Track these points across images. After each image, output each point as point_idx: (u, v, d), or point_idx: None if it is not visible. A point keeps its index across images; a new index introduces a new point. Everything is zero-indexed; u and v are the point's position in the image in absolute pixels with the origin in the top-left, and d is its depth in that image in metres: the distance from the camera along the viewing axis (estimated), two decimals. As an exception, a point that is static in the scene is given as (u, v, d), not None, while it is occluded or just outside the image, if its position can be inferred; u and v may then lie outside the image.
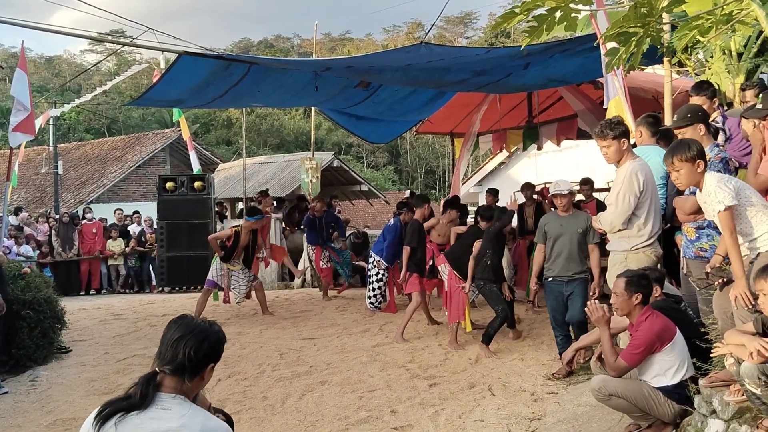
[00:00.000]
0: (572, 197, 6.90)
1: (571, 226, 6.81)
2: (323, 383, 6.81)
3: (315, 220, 12.04)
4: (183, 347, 2.54)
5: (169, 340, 2.57)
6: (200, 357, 2.56)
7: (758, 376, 3.18)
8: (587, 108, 11.06)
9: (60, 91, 45.20)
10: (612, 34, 4.18)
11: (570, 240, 6.77)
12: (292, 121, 47.78)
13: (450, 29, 63.18)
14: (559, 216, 6.93)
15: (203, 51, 8.79)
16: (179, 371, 2.53)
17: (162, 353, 2.57)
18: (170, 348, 2.56)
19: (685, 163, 4.12)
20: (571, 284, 6.74)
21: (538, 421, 5.48)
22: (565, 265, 6.75)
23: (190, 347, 2.54)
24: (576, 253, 6.74)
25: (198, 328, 2.61)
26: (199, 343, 2.57)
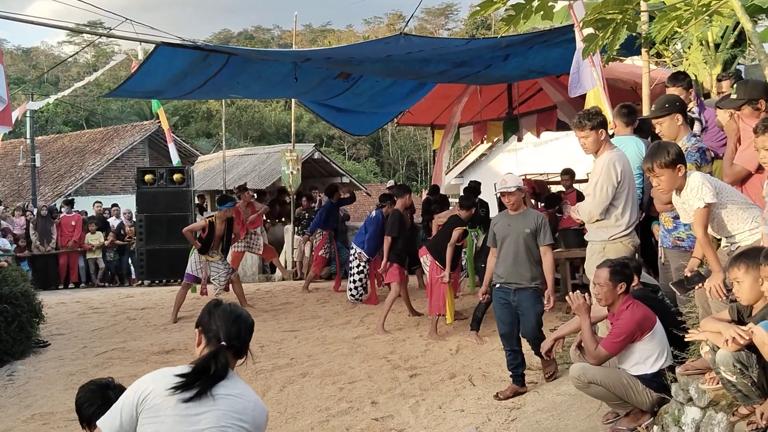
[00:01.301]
0: (521, 194, 6.15)
1: (518, 226, 6.10)
2: (304, 375, 6.80)
3: (333, 207, 12.05)
4: (242, 328, 2.76)
5: (229, 322, 2.75)
6: (250, 334, 2.80)
7: (733, 364, 3.21)
8: (567, 99, 11.08)
9: (37, 83, 44.63)
10: (590, 20, 4.20)
11: (516, 242, 6.05)
12: (272, 112, 47.50)
13: (431, 21, 63.06)
14: (508, 215, 6.24)
15: (181, 42, 8.72)
16: (238, 348, 2.73)
17: (227, 333, 2.72)
18: (233, 326, 2.74)
19: (666, 168, 4.13)
20: (519, 294, 6.00)
21: (517, 410, 5.52)
22: (512, 270, 6.03)
23: (246, 328, 2.78)
24: (523, 257, 6.01)
25: (240, 311, 2.83)
26: (249, 324, 2.81)
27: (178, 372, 2.59)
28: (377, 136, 44.56)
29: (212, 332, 2.73)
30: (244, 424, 2.61)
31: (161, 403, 2.53)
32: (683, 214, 4.31)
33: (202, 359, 2.63)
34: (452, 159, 24.97)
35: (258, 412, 2.69)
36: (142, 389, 2.57)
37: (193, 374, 2.58)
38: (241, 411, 2.61)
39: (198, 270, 10.04)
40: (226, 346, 2.67)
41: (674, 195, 4.29)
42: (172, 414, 2.52)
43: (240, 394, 2.65)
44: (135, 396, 2.57)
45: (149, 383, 2.59)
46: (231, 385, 2.65)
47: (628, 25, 4.21)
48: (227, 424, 2.56)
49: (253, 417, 2.65)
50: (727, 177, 4.74)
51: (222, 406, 2.58)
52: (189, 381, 2.55)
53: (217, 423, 2.55)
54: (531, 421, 5.20)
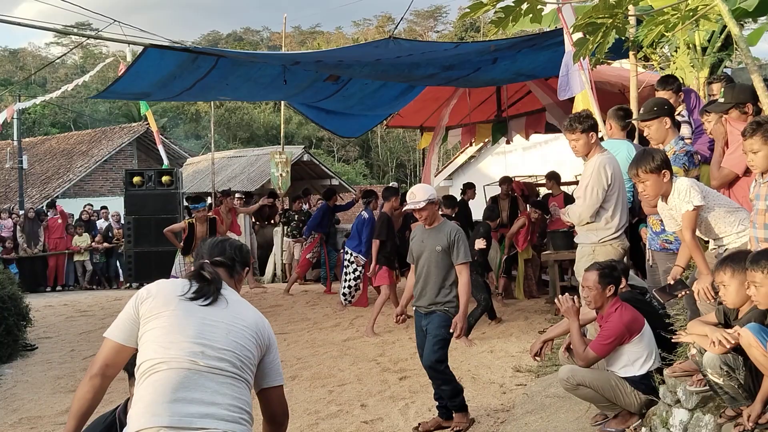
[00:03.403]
0: (434, 207, 5.45)
1: (430, 243, 5.42)
2: (293, 378, 6.79)
3: (329, 210, 12.03)
4: (228, 247, 2.83)
5: (212, 244, 2.84)
6: (243, 256, 2.85)
7: (720, 366, 3.23)
8: (555, 102, 11.13)
9: (25, 84, 44.38)
10: (581, 24, 4.22)
11: (428, 260, 5.41)
12: (262, 114, 47.41)
13: (420, 23, 63.17)
14: (423, 229, 5.54)
15: (170, 44, 8.70)
16: (228, 264, 2.76)
17: (209, 252, 2.79)
18: (216, 247, 2.82)
19: (651, 174, 4.16)
20: (428, 318, 5.39)
21: (506, 412, 5.53)
22: (422, 291, 5.42)
23: (234, 247, 2.84)
24: (432, 277, 5.36)
25: (228, 237, 2.95)
26: (239, 246, 2.88)
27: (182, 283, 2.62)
28: (366, 138, 44.53)
29: (199, 258, 2.80)
30: (255, 334, 2.60)
31: (167, 301, 2.54)
32: (669, 222, 4.33)
33: (188, 275, 2.66)
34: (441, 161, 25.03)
35: (264, 327, 2.68)
36: (143, 293, 2.60)
37: (197, 280, 2.60)
38: (251, 320, 2.62)
39: (182, 272, 9.98)
40: (209, 262, 2.70)
41: (660, 202, 4.32)
42: (181, 308, 2.52)
43: (245, 307, 2.66)
44: (135, 300, 2.60)
45: (151, 287, 2.62)
46: (234, 298, 2.67)
47: (618, 29, 4.23)
48: (240, 327, 2.56)
49: (260, 329, 2.64)
50: (715, 180, 4.77)
51: (233, 313, 2.59)
52: (199, 288, 2.58)
53: (234, 324, 2.55)
54: (520, 423, 5.21)
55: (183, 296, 2.53)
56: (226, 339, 2.48)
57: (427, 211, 5.37)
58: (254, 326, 2.60)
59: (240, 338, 2.52)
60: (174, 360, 2.39)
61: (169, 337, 2.44)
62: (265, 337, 2.65)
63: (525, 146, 17.33)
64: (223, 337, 2.48)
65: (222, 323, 2.52)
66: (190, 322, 2.47)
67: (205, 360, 2.41)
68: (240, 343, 2.51)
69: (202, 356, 2.41)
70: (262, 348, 2.62)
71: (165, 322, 2.47)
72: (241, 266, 2.81)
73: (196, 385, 2.37)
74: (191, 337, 2.43)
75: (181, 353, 2.40)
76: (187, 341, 2.42)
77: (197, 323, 2.48)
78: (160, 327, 2.47)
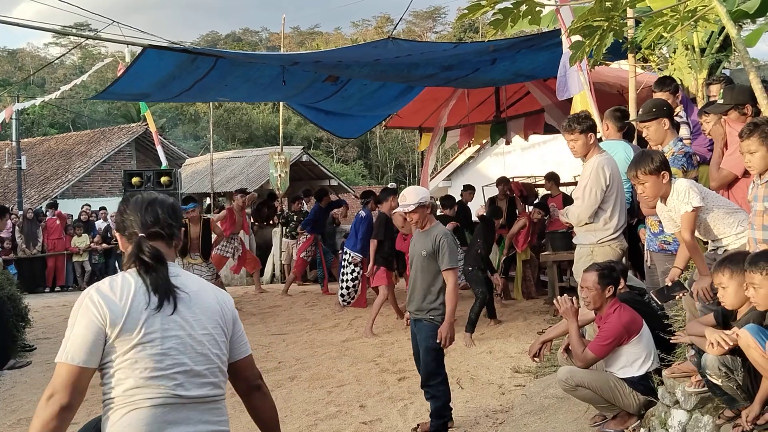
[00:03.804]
0: (424, 210, 5.26)
1: (419, 247, 5.28)
2: (292, 379, 6.79)
3: (322, 210, 12.00)
4: (160, 211, 2.49)
5: (141, 210, 2.48)
6: (178, 215, 2.56)
7: (719, 367, 3.24)
8: (554, 103, 11.14)
9: (23, 84, 44.37)
10: (577, 27, 4.22)
11: (416, 264, 5.29)
12: (260, 115, 47.41)
13: (419, 24, 63.19)
14: (418, 233, 5.42)
15: (169, 44, 8.70)
16: (165, 234, 2.48)
17: (142, 224, 2.46)
18: (147, 214, 2.48)
19: (650, 175, 4.18)
20: (417, 325, 5.30)
21: (505, 413, 5.53)
22: (411, 296, 5.34)
23: (166, 209, 2.52)
24: (419, 282, 5.23)
25: (155, 195, 2.57)
26: (171, 205, 2.56)
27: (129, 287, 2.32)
28: (365, 139, 44.57)
29: (129, 229, 2.47)
30: (220, 321, 2.45)
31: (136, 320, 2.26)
32: (668, 223, 4.34)
33: (126, 261, 2.39)
34: (440, 162, 25.03)
35: (224, 303, 2.53)
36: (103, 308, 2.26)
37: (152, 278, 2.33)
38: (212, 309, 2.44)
39: None
40: (145, 236, 2.42)
41: (659, 204, 4.33)
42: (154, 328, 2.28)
43: (200, 289, 2.45)
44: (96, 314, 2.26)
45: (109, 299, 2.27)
46: (187, 280, 2.44)
47: (615, 31, 4.23)
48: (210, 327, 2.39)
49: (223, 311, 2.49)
50: (714, 181, 4.78)
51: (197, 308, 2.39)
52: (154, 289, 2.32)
53: (204, 326, 2.38)
54: (519, 424, 5.21)
55: (149, 309, 2.29)
56: (203, 357, 2.36)
57: (417, 215, 5.23)
58: (219, 313, 2.46)
59: (213, 345, 2.40)
60: (156, 396, 2.25)
61: (148, 366, 2.25)
62: (230, 317, 2.53)
63: (524, 147, 17.34)
64: (200, 356, 2.35)
65: (195, 335, 2.35)
66: (166, 345, 2.28)
67: (187, 391, 2.30)
68: (215, 352, 2.40)
69: (183, 388, 2.29)
70: (229, 330, 2.50)
71: (141, 352, 2.25)
72: (178, 229, 2.54)
73: (181, 419, 2.29)
74: (172, 367, 2.28)
75: (161, 389, 2.26)
76: (167, 372, 2.27)
77: (174, 346, 2.29)
78: (137, 357, 2.25)
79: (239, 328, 2.57)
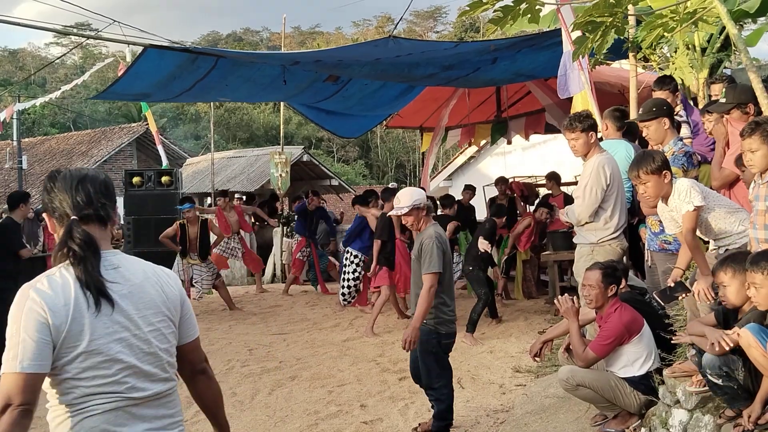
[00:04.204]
0: (419, 213, 5.14)
1: (413, 250, 5.24)
2: (293, 378, 6.79)
3: (307, 212, 11.95)
4: (92, 191, 2.28)
5: (73, 190, 2.26)
6: (110, 192, 2.34)
7: (719, 367, 3.23)
8: (555, 102, 11.14)
9: (24, 84, 44.41)
10: (581, 23, 4.23)
11: (412, 268, 5.25)
12: (261, 115, 47.44)
13: (420, 23, 63.21)
14: (416, 235, 5.34)
15: (170, 44, 8.70)
16: (99, 215, 2.27)
17: (74, 205, 2.24)
18: (78, 194, 2.25)
19: (652, 175, 4.17)
20: None
21: (506, 413, 5.53)
22: (411, 300, 5.30)
23: (98, 187, 2.30)
24: (413, 285, 5.16)
25: (84, 172, 2.35)
26: (103, 182, 2.33)
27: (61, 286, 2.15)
28: (366, 139, 44.60)
29: (59, 210, 2.26)
30: (166, 311, 2.30)
31: (80, 324, 2.12)
32: (669, 224, 4.33)
33: (57, 249, 2.20)
34: (441, 161, 25.03)
35: (168, 287, 2.35)
36: (46, 313, 2.09)
37: (82, 272, 2.15)
38: (157, 301, 2.29)
39: (180, 272, 10.03)
40: (78, 219, 2.22)
41: (660, 204, 4.32)
42: (102, 326, 2.15)
43: (143, 280, 2.28)
44: (37, 319, 2.09)
45: (52, 303, 2.11)
46: (127, 270, 2.27)
47: (617, 28, 4.23)
48: (156, 321, 2.26)
49: (168, 297, 2.33)
50: (716, 181, 4.78)
51: (141, 303, 2.24)
52: (86, 285, 2.14)
53: (150, 322, 2.24)
54: (519, 423, 5.21)
55: (90, 310, 2.14)
56: (151, 356, 2.25)
57: (411, 217, 5.15)
58: (164, 302, 2.31)
59: (161, 340, 2.29)
60: (108, 401, 2.17)
61: (98, 374, 2.15)
62: (177, 301, 2.37)
63: (524, 146, 17.34)
64: (148, 355, 2.25)
65: (141, 335, 2.23)
66: (114, 350, 2.16)
67: (139, 392, 2.23)
68: (163, 347, 2.29)
69: (135, 390, 2.22)
70: (177, 316, 2.36)
71: (87, 360, 2.13)
72: (112, 207, 2.34)
73: (136, 419, 2.23)
74: (121, 371, 2.19)
75: (113, 395, 2.18)
76: (117, 378, 2.18)
77: (121, 349, 2.18)
78: (84, 366, 2.14)
79: (187, 310, 2.42)
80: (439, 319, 4.99)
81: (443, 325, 5.01)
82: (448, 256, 5.05)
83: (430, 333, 4.99)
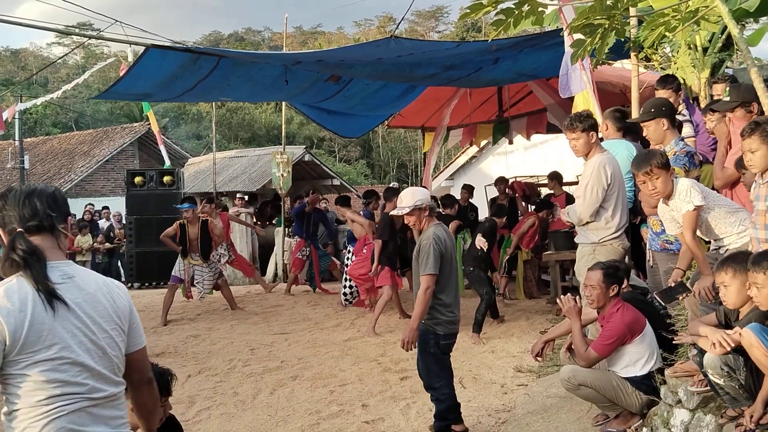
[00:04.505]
0: (421, 213, 5.11)
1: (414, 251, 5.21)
2: (294, 378, 6.79)
3: (304, 213, 11.93)
4: (38, 203, 2.40)
5: (20, 204, 2.38)
6: (60, 204, 2.47)
7: (721, 367, 3.23)
8: (557, 102, 11.14)
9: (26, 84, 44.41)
10: (578, 26, 4.21)
11: (412, 269, 5.25)
12: (263, 115, 47.42)
13: (421, 23, 63.12)
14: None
15: (172, 44, 8.71)
16: (45, 226, 2.39)
17: (20, 218, 2.37)
18: (24, 207, 2.38)
19: (662, 169, 4.19)
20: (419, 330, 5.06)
21: (508, 413, 5.53)
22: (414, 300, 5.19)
23: (45, 200, 2.42)
24: (415, 287, 5.11)
25: (34, 186, 2.48)
26: (50, 195, 2.46)
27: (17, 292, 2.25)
28: (368, 139, 44.56)
29: (9, 225, 2.39)
30: (116, 320, 2.42)
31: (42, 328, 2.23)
32: (670, 225, 4.33)
33: (2, 260, 2.31)
34: (442, 161, 25.02)
35: (119, 297, 2.47)
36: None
37: (35, 280, 2.25)
38: (110, 310, 2.41)
39: (181, 271, 10.02)
40: (23, 231, 2.33)
41: (661, 204, 4.32)
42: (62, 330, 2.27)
43: (95, 290, 2.40)
44: None
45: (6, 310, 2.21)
46: (81, 281, 2.39)
47: (617, 30, 4.22)
48: (109, 329, 2.38)
49: (118, 307, 2.45)
50: (718, 180, 4.77)
51: (94, 312, 2.36)
52: (37, 289, 2.25)
53: (104, 329, 2.36)
54: (521, 423, 5.21)
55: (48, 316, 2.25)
56: (106, 359, 2.37)
57: (413, 217, 5.14)
58: (115, 312, 2.43)
59: (113, 347, 2.40)
60: (70, 402, 2.27)
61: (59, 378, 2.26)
62: (126, 311, 2.48)
63: (526, 146, 17.32)
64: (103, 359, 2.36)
65: (97, 340, 2.35)
66: (73, 354, 2.28)
67: (97, 393, 2.33)
68: (114, 354, 2.40)
69: (95, 391, 2.32)
70: (126, 325, 2.48)
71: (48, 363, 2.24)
72: (62, 218, 2.46)
73: (95, 420, 2.33)
74: (80, 374, 2.29)
75: (74, 397, 2.28)
76: (77, 380, 2.29)
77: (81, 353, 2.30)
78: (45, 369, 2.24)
79: (135, 320, 2.54)
80: (436, 319, 4.97)
81: (441, 326, 4.99)
82: (447, 257, 5.02)
83: (427, 333, 4.98)
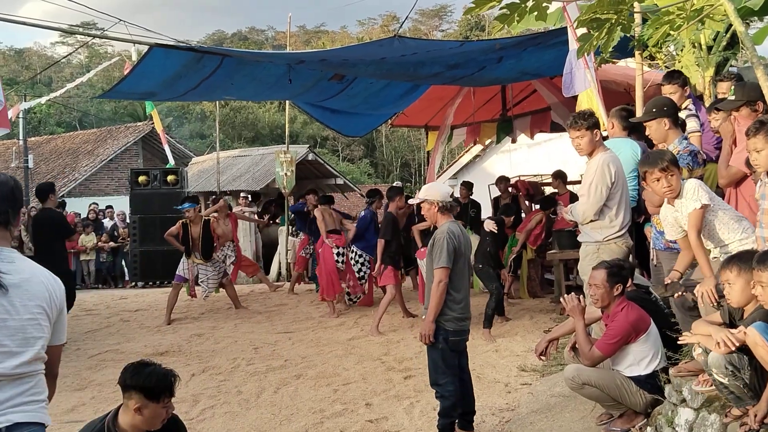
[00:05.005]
0: (430, 207, 5.08)
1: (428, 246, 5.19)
2: (298, 377, 6.80)
3: (304, 212, 11.92)
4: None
5: None
6: (13, 196, 2.67)
7: (725, 366, 3.23)
8: (561, 101, 11.10)
9: (30, 83, 44.49)
10: (585, 20, 4.20)
11: (426, 264, 5.22)
12: (266, 114, 47.42)
13: (425, 22, 63.06)
14: None
15: (175, 43, 8.71)
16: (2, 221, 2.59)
17: None
18: None
19: (676, 167, 4.21)
20: None
21: (511, 412, 5.52)
22: (426, 295, 5.16)
23: (3, 195, 2.61)
24: (427, 282, 5.12)
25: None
26: (8, 189, 2.65)
27: None
28: (371, 138, 44.52)
29: None
30: (46, 307, 2.61)
31: None
32: (671, 229, 4.32)
33: None
34: (446, 160, 25.01)
35: (54, 292, 2.66)
36: None
37: None
38: (40, 296, 2.59)
39: (185, 270, 10.03)
40: None
41: (664, 206, 4.31)
42: None
43: (31, 276, 2.60)
44: None
45: None
46: (20, 266, 2.58)
47: (623, 26, 4.21)
48: (36, 312, 2.57)
49: (51, 299, 2.63)
50: (723, 179, 4.76)
51: (25, 294, 2.55)
52: None
53: (31, 311, 2.55)
54: (525, 422, 5.21)
55: None
56: (23, 340, 2.54)
57: (423, 209, 5.21)
58: (46, 300, 2.61)
59: (37, 329, 2.57)
60: None
61: None
62: (57, 305, 2.67)
63: (530, 144, 17.29)
64: (22, 339, 2.54)
65: (20, 319, 2.53)
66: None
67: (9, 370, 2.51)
68: (36, 336, 2.57)
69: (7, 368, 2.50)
70: (53, 316, 2.65)
71: None
72: (14, 209, 2.67)
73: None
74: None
75: None
76: None
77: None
78: None
79: (63, 318, 2.73)
80: (445, 315, 4.94)
81: (450, 322, 4.96)
82: (460, 253, 5.01)
83: (436, 328, 4.95)
